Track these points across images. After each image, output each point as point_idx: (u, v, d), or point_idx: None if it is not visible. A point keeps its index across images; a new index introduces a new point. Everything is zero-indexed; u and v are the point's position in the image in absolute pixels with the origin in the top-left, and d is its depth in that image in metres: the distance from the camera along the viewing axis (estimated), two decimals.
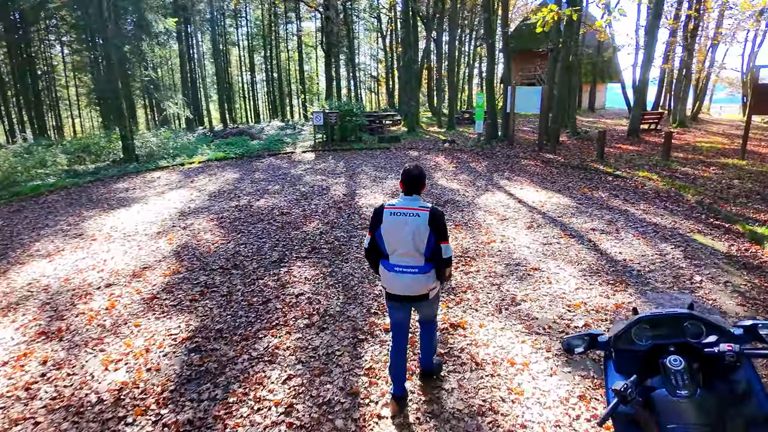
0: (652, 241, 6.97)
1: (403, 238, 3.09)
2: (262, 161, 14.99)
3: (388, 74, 41.38)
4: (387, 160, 14.48)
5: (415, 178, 3.19)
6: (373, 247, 3.27)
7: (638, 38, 29.99)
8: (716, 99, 44.04)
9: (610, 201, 9.29)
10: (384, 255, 3.24)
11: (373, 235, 3.23)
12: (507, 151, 15.19)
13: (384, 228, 3.15)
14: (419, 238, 3.08)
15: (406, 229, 3.08)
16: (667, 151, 12.81)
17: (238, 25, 43.32)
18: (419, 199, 3.22)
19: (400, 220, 3.10)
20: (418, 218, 3.08)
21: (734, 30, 29.10)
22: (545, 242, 7.02)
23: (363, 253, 3.61)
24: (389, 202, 3.23)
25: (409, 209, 3.11)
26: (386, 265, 3.22)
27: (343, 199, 9.82)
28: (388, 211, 3.15)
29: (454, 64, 23.52)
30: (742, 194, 9.36)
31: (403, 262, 3.15)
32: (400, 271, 3.15)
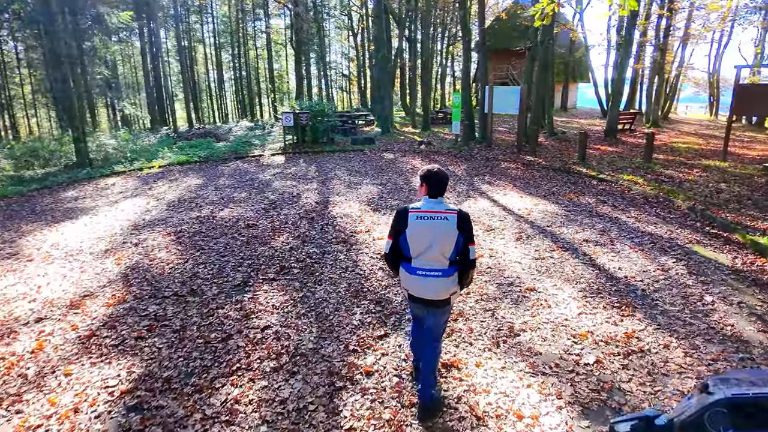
0: (651, 253, 6.47)
1: (431, 241, 3.07)
2: (228, 165, 14.07)
3: (360, 73, 40.62)
4: (361, 164, 13.76)
5: (442, 179, 3.16)
6: (394, 251, 3.25)
7: (610, 37, 30.09)
8: (681, 98, 44.92)
9: (598, 207, 8.81)
10: (406, 258, 3.22)
11: (395, 239, 3.20)
12: (486, 153, 14.67)
13: (410, 232, 3.10)
14: (448, 241, 3.06)
15: (434, 233, 3.06)
16: (649, 153, 12.49)
17: (204, 22, 41.83)
18: (443, 201, 3.18)
19: (428, 223, 3.06)
20: (446, 221, 3.05)
21: (701, 30, 29.45)
22: (537, 257, 6.44)
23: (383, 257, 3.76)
24: (413, 206, 3.16)
25: (437, 212, 3.08)
26: (408, 268, 3.20)
27: (315, 208, 9.06)
28: (413, 214, 3.10)
29: (428, 62, 22.95)
30: (733, 199, 9.02)
31: (427, 265, 3.12)
32: (423, 274, 3.14)
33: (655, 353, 4.15)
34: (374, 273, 6.00)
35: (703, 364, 3.99)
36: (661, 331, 4.50)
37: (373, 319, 4.85)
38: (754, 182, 10.39)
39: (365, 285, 5.66)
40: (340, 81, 52.27)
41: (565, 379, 3.80)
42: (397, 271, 3.35)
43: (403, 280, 3.30)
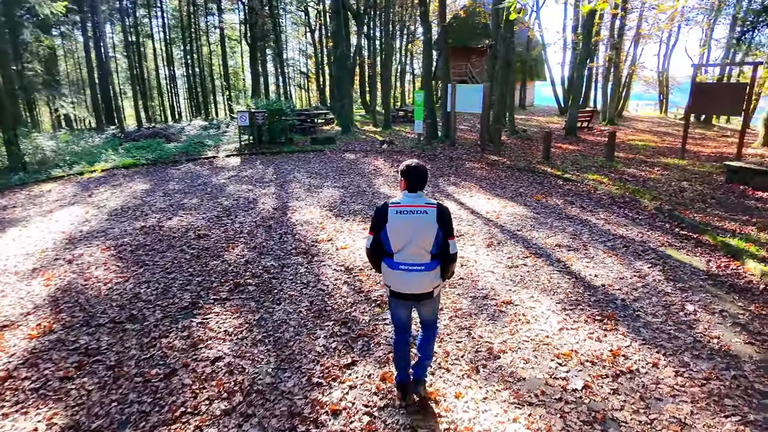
0: (626, 258, 6.25)
1: (411, 235, 3.06)
2: (179, 168, 13.20)
3: (318, 70, 39.84)
4: (322, 165, 13.19)
5: (420, 173, 3.14)
6: (375, 246, 3.23)
7: (565, 36, 30.55)
8: (631, 96, 46.35)
9: (567, 209, 8.61)
10: (387, 253, 3.18)
11: (376, 235, 3.18)
12: (449, 152, 14.38)
13: (390, 226, 3.08)
14: (427, 235, 3.06)
15: (413, 227, 3.05)
16: (611, 151, 12.49)
17: (153, 16, 39.94)
18: (422, 195, 3.15)
19: (407, 218, 3.05)
20: (426, 215, 3.05)
21: (652, 30, 30.29)
22: (511, 264, 6.11)
23: (365, 252, 3.56)
24: (393, 200, 3.15)
25: (415, 206, 3.07)
26: (390, 263, 3.17)
27: (273, 215, 8.47)
28: (393, 209, 3.08)
29: (388, 60, 22.53)
30: (697, 198, 9.01)
31: (409, 260, 3.11)
32: (406, 269, 3.12)
33: (644, 373, 3.85)
34: (338, 288, 5.51)
35: (696, 384, 3.71)
36: (648, 346, 4.22)
37: (338, 343, 4.36)
38: (714, 180, 10.49)
39: (329, 303, 5.16)
40: (298, 79, 51.23)
41: (554, 410, 3.43)
42: (379, 267, 3.32)
43: (385, 276, 3.26)
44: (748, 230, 7.11)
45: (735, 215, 7.97)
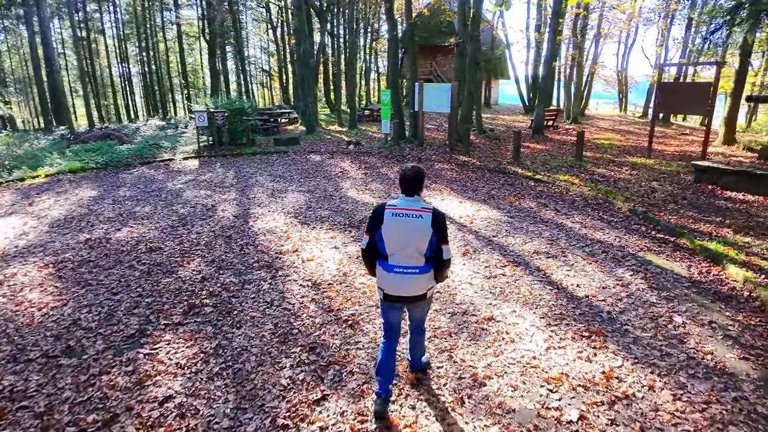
0: (606, 265, 6.01)
1: (405, 239, 3.08)
2: (132, 172, 12.37)
3: (281, 68, 38.90)
4: (286, 167, 12.61)
5: (412, 178, 3.14)
6: (371, 247, 3.22)
7: (529, 35, 30.77)
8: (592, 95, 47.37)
9: (541, 212, 8.37)
10: (382, 255, 3.20)
11: (372, 236, 3.18)
12: (418, 153, 14.04)
13: (385, 229, 3.10)
14: (422, 240, 3.07)
15: (408, 230, 3.07)
16: (580, 151, 12.41)
17: (106, 11, 38.08)
18: (420, 199, 3.18)
19: (402, 221, 3.07)
20: (420, 219, 3.06)
21: (611, 30, 30.85)
22: (489, 275, 5.77)
23: (360, 253, 3.71)
24: (390, 203, 3.16)
25: (411, 210, 3.08)
26: (385, 265, 3.19)
27: (233, 224, 7.89)
28: (389, 211, 3.10)
29: (353, 57, 22.04)
30: (669, 199, 8.94)
31: (403, 262, 3.13)
32: (400, 271, 3.14)
33: (641, 398, 3.55)
34: (305, 307, 5.03)
35: (696, 409, 3.44)
36: (641, 366, 3.93)
37: (306, 374, 3.89)
38: (683, 180, 10.51)
39: (295, 324, 4.69)
40: (260, 77, 50.04)
41: None
42: (373, 269, 3.32)
43: (379, 278, 3.27)
44: (723, 232, 7.01)
45: (708, 216, 7.90)
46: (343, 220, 8.00)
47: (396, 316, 3.40)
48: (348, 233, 7.36)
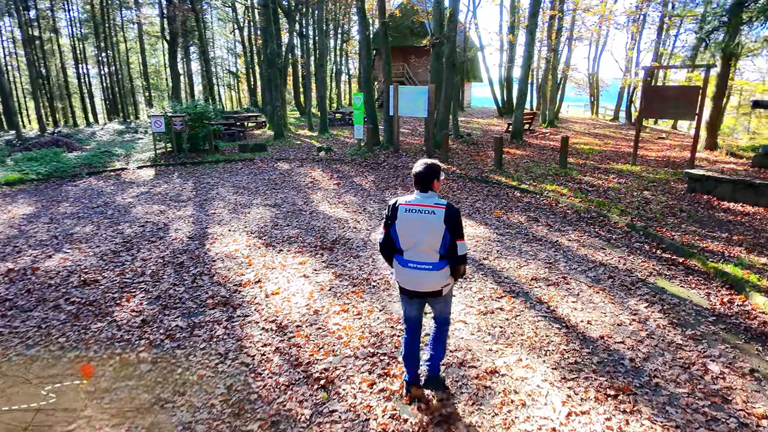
0: (616, 295, 5.27)
1: (418, 235, 3.07)
2: (77, 184, 11.13)
3: (248, 70, 37.58)
4: (251, 177, 11.58)
5: (421, 175, 3.10)
6: (387, 242, 3.26)
7: (502, 37, 30.40)
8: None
9: (532, 228, 7.63)
10: (398, 250, 3.22)
11: (387, 231, 3.22)
12: (394, 160, 13.20)
13: (399, 224, 3.11)
14: (435, 236, 3.05)
15: (421, 226, 3.05)
16: (564, 158, 11.78)
17: (60, 8, 35.95)
18: (435, 195, 3.14)
19: (415, 216, 3.06)
20: (433, 215, 3.03)
21: (584, 33, 30.79)
22: (484, 309, 4.95)
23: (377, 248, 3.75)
24: (404, 198, 3.15)
25: (424, 206, 3.06)
26: (400, 260, 3.21)
27: (187, 247, 6.87)
28: (403, 207, 3.10)
29: (324, 58, 21.09)
30: (666, 212, 8.33)
31: (417, 258, 3.12)
32: (414, 267, 3.14)
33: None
34: (268, 360, 4.10)
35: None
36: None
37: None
38: (675, 189, 9.97)
39: (254, 386, 3.75)
40: (227, 79, 48.47)
41: None
42: (391, 262, 3.34)
43: (396, 272, 3.30)
44: (736, 252, 6.39)
45: (713, 231, 7.29)
46: (314, 241, 7.08)
47: (414, 311, 3.43)
48: (319, 257, 6.44)
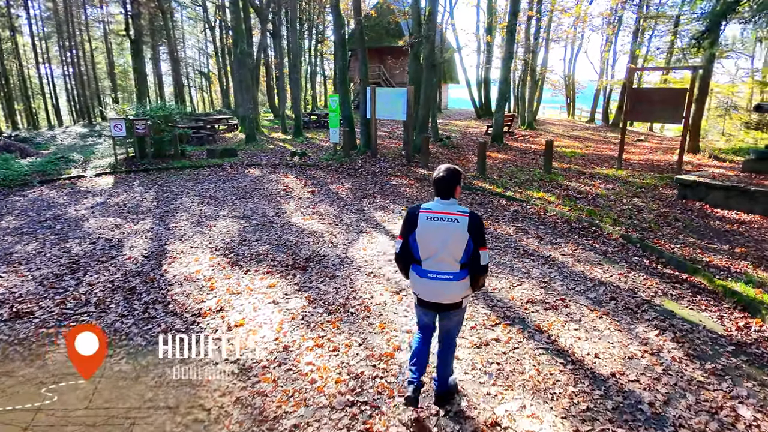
0: (621, 320, 4.75)
1: (440, 243, 2.97)
2: (26, 194, 10.18)
3: (220, 71, 36.49)
4: (219, 185, 10.81)
5: (447, 180, 2.99)
6: (404, 251, 3.13)
7: (479, 38, 30.11)
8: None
9: (522, 241, 7.10)
10: (416, 260, 3.11)
11: (405, 239, 3.10)
12: (371, 165, 12.57)
13: (419, 232, 3.00)
14: (458, 244, 2.95)
15: (443, 235, 2.95)
16: (549, 163, 11.36)
17: (20, 6, 34.20)
18: (456, 202, 3.04)
19: (437, 225, 2.95)
20: (457, 223, 2.93)
21: (560, 34, 30.75)
22: (478, 341, 4.37)
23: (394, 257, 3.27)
24: (425, 205, 3.05)
25: (447, 213, 2.95)
26: (418, 270, 3.10)
27: (141, 268, 6.12)
28: (424, 215, 2.99)
29: (297, 59, 20.35)
30: (660, 221, 7.91)
31: (437, 268, 3.02)
32: (433, 277, 3.03)
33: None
34: (226, 414, 3.43)
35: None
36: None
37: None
38: (665, 195, 9.61)
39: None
40: (198, 80, 47.13)
41: None
42: (407, 273, 3.22)
43: (413, 283, 3.19)
44: (741, 266, 5.96)
45: (712, 243, 6.88)
46: (285, 259, 6.40)
47: (430, 319, 3.32)
48: (291, 279, 5.77)
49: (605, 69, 32.60)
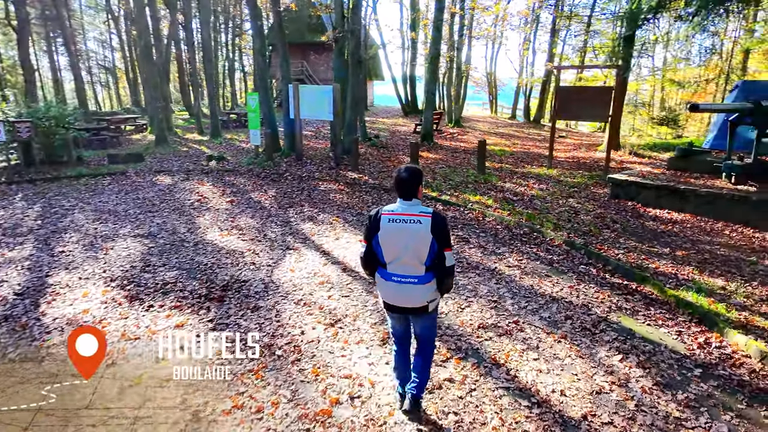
0: (581, 344, 4.32)
1: (403, 246, 2.89)
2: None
3: (127, 66, 33.56)
4: (120, 197, 9.46)
5: (404, 180, 2.91)
6: (369, 256, 3.05)
7: (403, 33, 29.83)
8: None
9: (465, 252, 6.59)
10: (381, 264, 3.03)
11: (369, 244, 3.02)
12: (297, 170, 11.65)
13: (382, 235, 2.92)
14: (421, 246, 2.87)
15: (406, 237, 2.87)
16: (482, 163, 11.04)
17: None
18: (419, 203, 2.97)
19: (399, 227, 2.88)
20: (419, 225, 2.85)
21: (480, 33, 31.17)
22: (430, 385, 3.72)
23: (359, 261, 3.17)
24: (387, 208, 2.97)
25: (409, 215, 2.88)
26: (384, 274, 3.03)
27: (10, 310, 4.91)
28: (386, 217, 2.91)
29: (210, 52, 18.85)
30: (599, 223, 7.74)
31: (402, 271, 2.95)
32: (398, 281, 2.97)
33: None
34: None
35: None
36: None
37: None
38: (597, 195, 9.56)
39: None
40: (104, 76, 43.25)
41: None
42: (374, 276, 3.12)
43: (378, 287, 3.14)
44: (686, 272, 5.79)
45: (653, 246, 6.74)
46: (198, 288, 5.44)
47: (401, 325, 3.26)
48: (204, 314, 4.84)
49: (525, 67, 33.55)
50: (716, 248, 6.64)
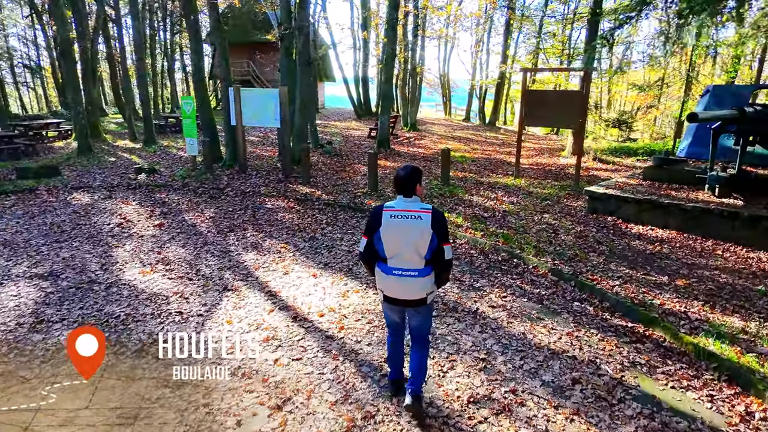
0: (597, 422, 3.39)
1: (405, 241, 2.98)
2: None
3: (54, 65, 30.73)
4: (23, 221, 7.89)
5: (407, 179, 3.03)
6: (369, 250, 3.13)
7: (355, 33, 28.78)
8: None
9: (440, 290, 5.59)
10: (381, 258, 3.11)
11: (370, 238, 3.09)
12: (240, 183, 10.34)
13: (383, 231, 3.01)
14: (422, 241, 2.96)
15: (407, 232, 2.96)
16: (446, 174, 10.14)
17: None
18: (418, 200, 3.08)
19: (401, 222, 2.97)
20: (420, 220, 2.95)
21: (433, 33, 30.56)
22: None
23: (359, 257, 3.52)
24: (388, 204, 3.07)
25: (410, 211, 2.98)
26: (384, 268, 3.11)
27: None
28: (387, 213, 3.00)
29: (143, 51, 17.09)
30: (582, 244, 6.95)
31: (402, 265, 3.04)
32: (399, 274, 3.05)
33: None
34: None
35: None
36: None
37: None
38: (572, 208, 8.85)
39: None
40: (27, 75, 39.69)
41: None
42: (373, 271, 3.21)
43: (378, 280, 3.18)
44: (696, 308, 5.02)
45: (648, 273, 5.98)
46: (109, 350, 4.17)
47: (398, 316, 3.32)
48: (109, 397, 3.59)
49: (478, 68, 33.24)
50: (716, 274, 5.96)
